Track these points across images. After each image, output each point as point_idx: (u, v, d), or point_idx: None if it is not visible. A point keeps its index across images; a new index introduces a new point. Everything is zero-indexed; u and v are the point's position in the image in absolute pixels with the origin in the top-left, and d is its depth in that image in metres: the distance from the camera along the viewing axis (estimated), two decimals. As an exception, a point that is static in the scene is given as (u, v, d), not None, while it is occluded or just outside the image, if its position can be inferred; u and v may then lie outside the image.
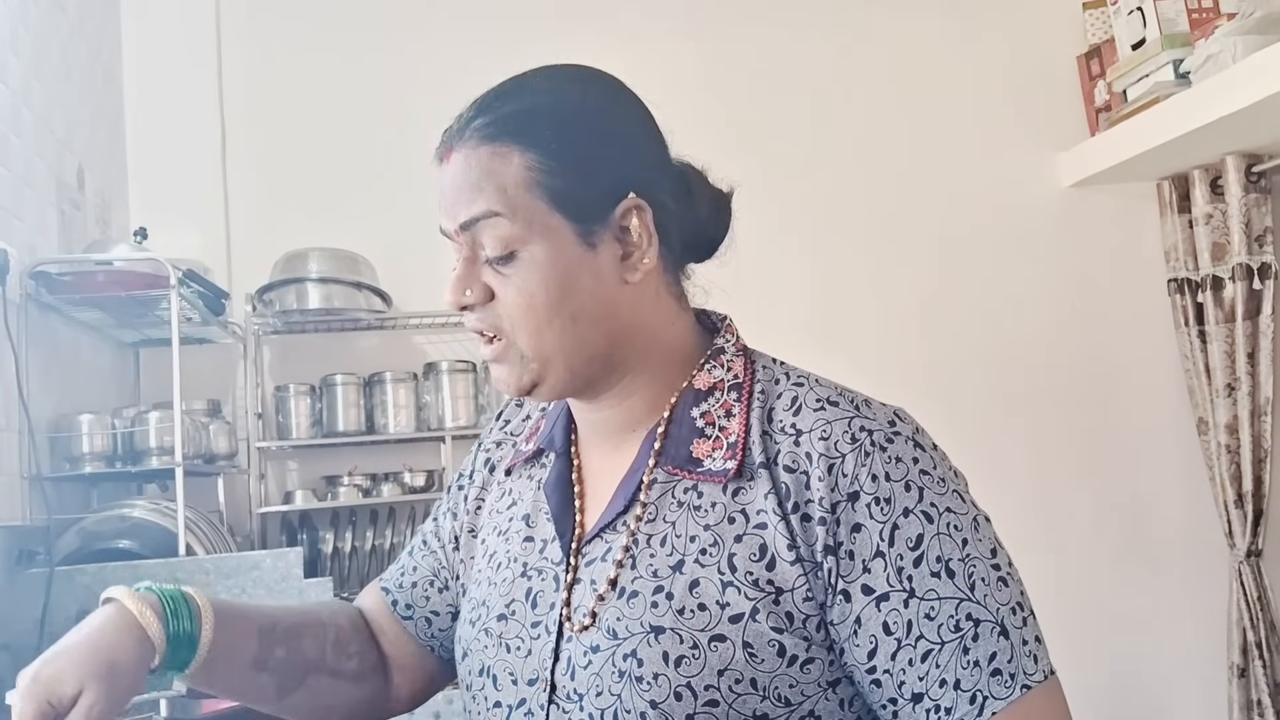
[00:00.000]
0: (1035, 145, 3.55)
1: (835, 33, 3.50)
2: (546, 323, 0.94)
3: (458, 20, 3.33)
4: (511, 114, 0.97)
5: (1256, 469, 3.26)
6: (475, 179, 0.95)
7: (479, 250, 0.96)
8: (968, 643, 0.88)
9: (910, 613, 0.88)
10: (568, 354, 0.96)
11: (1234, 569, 3.29)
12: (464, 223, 0.95)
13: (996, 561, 0.91)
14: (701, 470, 0.95)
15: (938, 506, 0.90)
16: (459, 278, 0.96)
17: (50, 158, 2.51)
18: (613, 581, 0.95)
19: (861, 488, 0.90)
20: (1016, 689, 0.88)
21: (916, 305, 3.42)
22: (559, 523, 1.02)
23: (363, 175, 3.23)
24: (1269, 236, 3.21)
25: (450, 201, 0.96)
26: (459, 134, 0.98)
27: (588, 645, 0.93)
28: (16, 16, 2.37)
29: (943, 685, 0.88)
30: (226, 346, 3.07)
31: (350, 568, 2.96)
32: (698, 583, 0.91)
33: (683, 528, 0.94)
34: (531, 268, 0.94)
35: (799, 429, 0.94)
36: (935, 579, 0.89)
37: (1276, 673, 3.24)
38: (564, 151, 0.95)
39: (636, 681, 0.90)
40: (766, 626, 0.89)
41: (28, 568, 2.03)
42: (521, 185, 0.94)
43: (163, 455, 2.41)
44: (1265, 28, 2.77)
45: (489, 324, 0.96)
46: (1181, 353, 3.45)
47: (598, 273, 0.96)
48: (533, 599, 1.00)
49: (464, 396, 3.07)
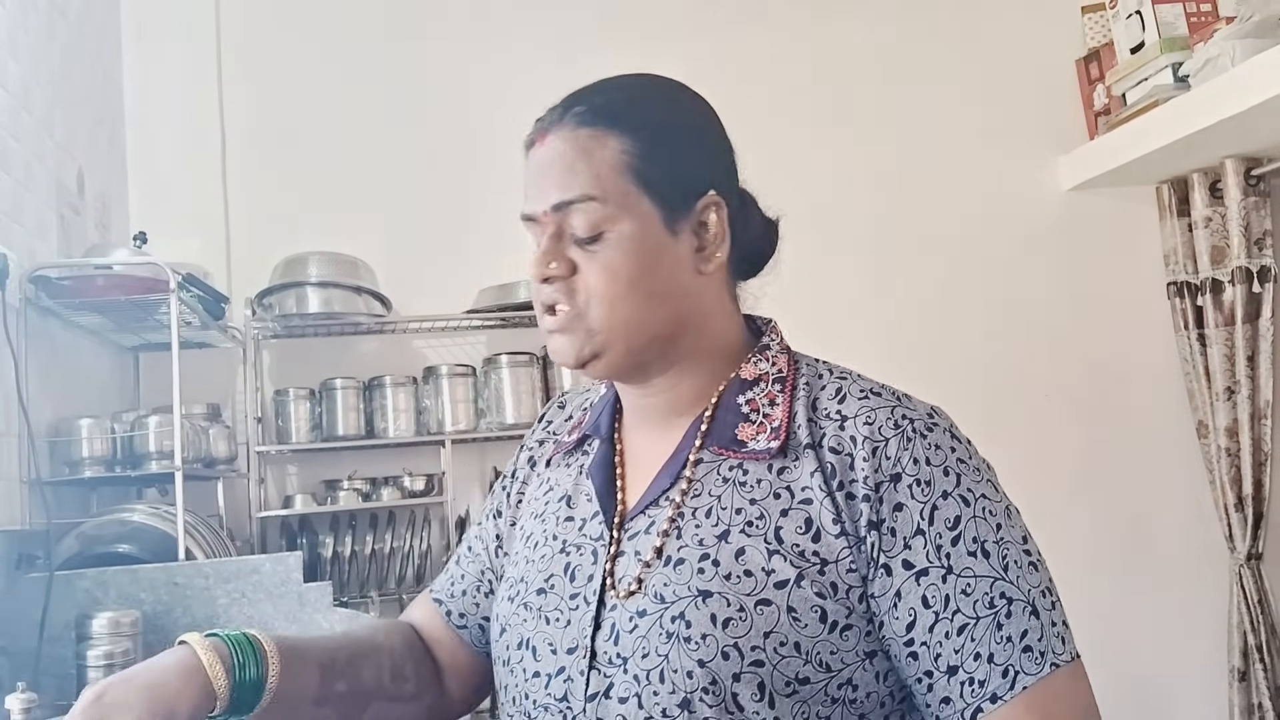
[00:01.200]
0: (1034, 149, 3.55)
1: (835, 36, 3.51)
2: (624, 297, 1.00)
3: (458, 27, 3.33)
4: (610, 101, 1.05)
5: (1257, 472, 3.25)
6: (570, 161, 1.02)
7: (565, 230, 1.02)
8: (1001, 619, 0.94)
9: (948, 588, 0.94)
10: (633, 331, 1.01)
11: (1234, 572, 3.29)
12: (557, 204, 1.02)
13: (1027, 548, 0.97)
14: (746, 450, 1.01)
15: (974, 492, 0.97)
16: (545, 252, 1.02)
17: (50, 162, 2.51)
18: (658, 550, 1.00)
19: (904, 470, 0.96)
20: (1046, 666, 0.93)
21: (916, 308, 3.41)
22: (602, 500, 1.07)
23: (363, 179, 3.23)
24: (1268, 240, 3.21)
25: (542, 183, 1.04)
26: (556, 119, 1.05)
27: (634, 610, 0.98)
28: (16, 21, 2.37)
29: (977, 659, 0.93)
30: (226, 351, 3.07)
31: (350, 572, 2.96)
32: (743, 551, 0.97)
33: (728, 501, 1.00)
34: (618, 246, 1.00)
35: (844, 415, 1.00)
36: (971, 558, 0.95)
37: (1277, 676, 3.24)
38: (657, 141, 1.03)
39: (685, 641, 0.94)
40: (810, 593, 0.94)
41: (27, 572, 2.02)
42: (615, 168, 1.01)
43: (162, 459, 2.41)
44: (1264, 31, 2.77)
45: (566, 297, 1.01)
46: (1181, 356, 3.45)
47: (676, 258, 1.03)
48: (571, 573, 1.05)
49: (463, 400, 3.07)
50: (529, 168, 1.06)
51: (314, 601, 2.11)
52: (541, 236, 1.04)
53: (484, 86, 3.32)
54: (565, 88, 1.02)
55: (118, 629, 1.91)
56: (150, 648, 2.00)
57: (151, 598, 2.05)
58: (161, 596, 2.06)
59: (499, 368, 3.08)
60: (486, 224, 3.24)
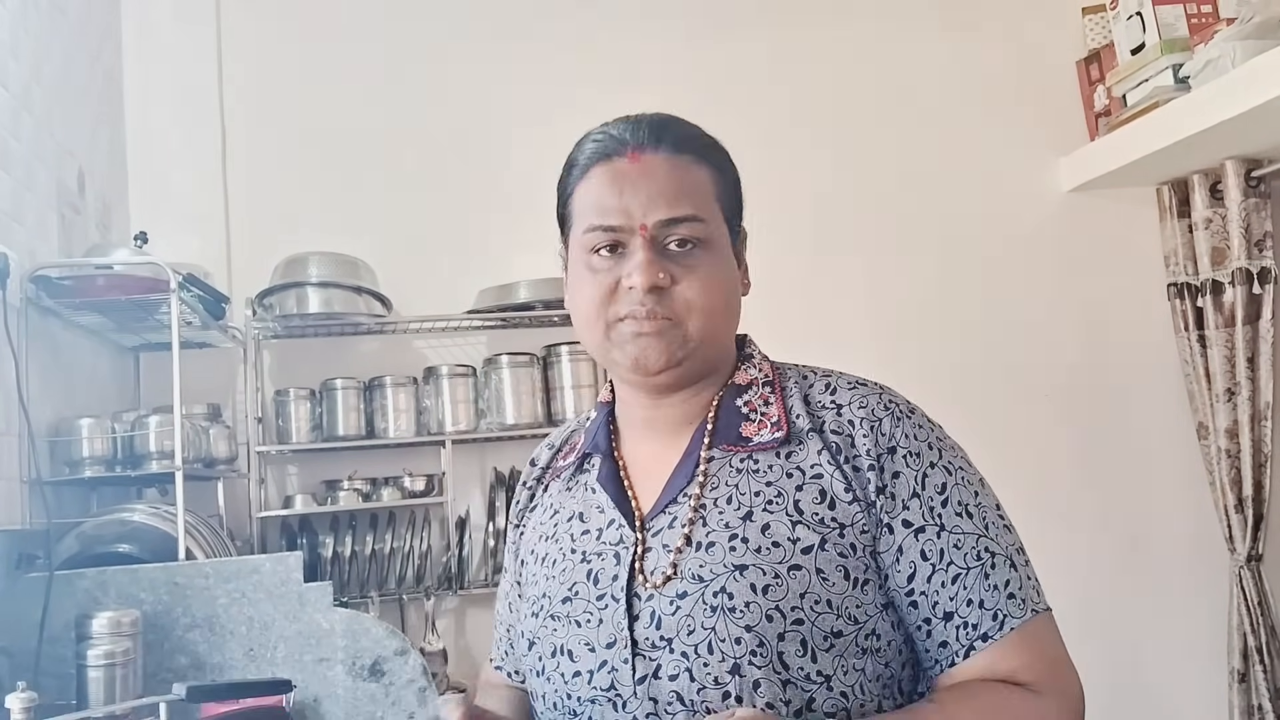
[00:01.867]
0: (1035, 150, 3.56)
1: (835, 38, 3.51)
2: (718, 309, 1.13)
3: (459, 29, 3.33)
4: (695, 136, 1.18)
5: (1257, 474, 3.25)
6: (678, 182, 1.13)
7: (664, 242, 1.12)
8: (988, 569, 1.08)
9: (941, 543, 1.08)
10: (717, 340, 1.15)
11: (1234, 574, 3.29)
12: (668, 219, 1.11)
13: (1001, 513, 1.13)
14: (753, 444, 1.13)
15: (953, 464, 1.12)
16: (651, 262, 1.10)
17: (51, 162, 2.51)
18: (687, 538, 1.10)
19: (898, 444, 1.10)
20: (1028, 611, 1.08)
21: (916, 309, 3.41)
22: (620, 506, 1.16)
23: (363, 180, 3.23)
24: (1268, 241, 3.20)
25: (640, 198, 1.11)
26: (650, 141, 1.14)
27: (673, 594, 1.08)
28: (17, 21, 2.37)
29: (969, 604, 1.07)
30: (226, 351, 3.07)
31: (350, 572, 2.96)
32: (769, 526, 1.08)
33: (745, 487, 1.11)
34: (713, 264, 1.13)
35: (839, 403, 1.14)
36: (959, 517, 1.09)
37: (1277, 678, 3.24)
38: (728, 177, 1.18)
39: (729, 612, 1.05)
40: (834, 554, 1.07)
41: (27, 571, 2.02)
42: (710, 196, 1.15)
43: (162, 459, 2.41)
44: (1264, 32, 2.77)
45: (667, 307, 1.11)
46: (1181, 357, 3.45)
47: (738, 278, 1.19)
48: (594, 577, 1.14)
49: (464, 401, 3.07)
50: (612, 181, 1.13)
51: (314, 601, 2.11)
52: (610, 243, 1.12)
53: (484, 87, 3.32)
54: (565, 88, 1.03)
55: (118, 629, 1.91)
56: (150, 648, 2.01)
57: (151, 597, 2.05)
58: (162, 596, 2.06)
59: (499, 368, 3.08)
60: (487, 224, 3.26)
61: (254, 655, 2.08)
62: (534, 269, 3.09)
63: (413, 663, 2.14)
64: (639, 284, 1.10)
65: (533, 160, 3.26)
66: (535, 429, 3.08)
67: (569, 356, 3.10)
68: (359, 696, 2.10)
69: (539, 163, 3.25)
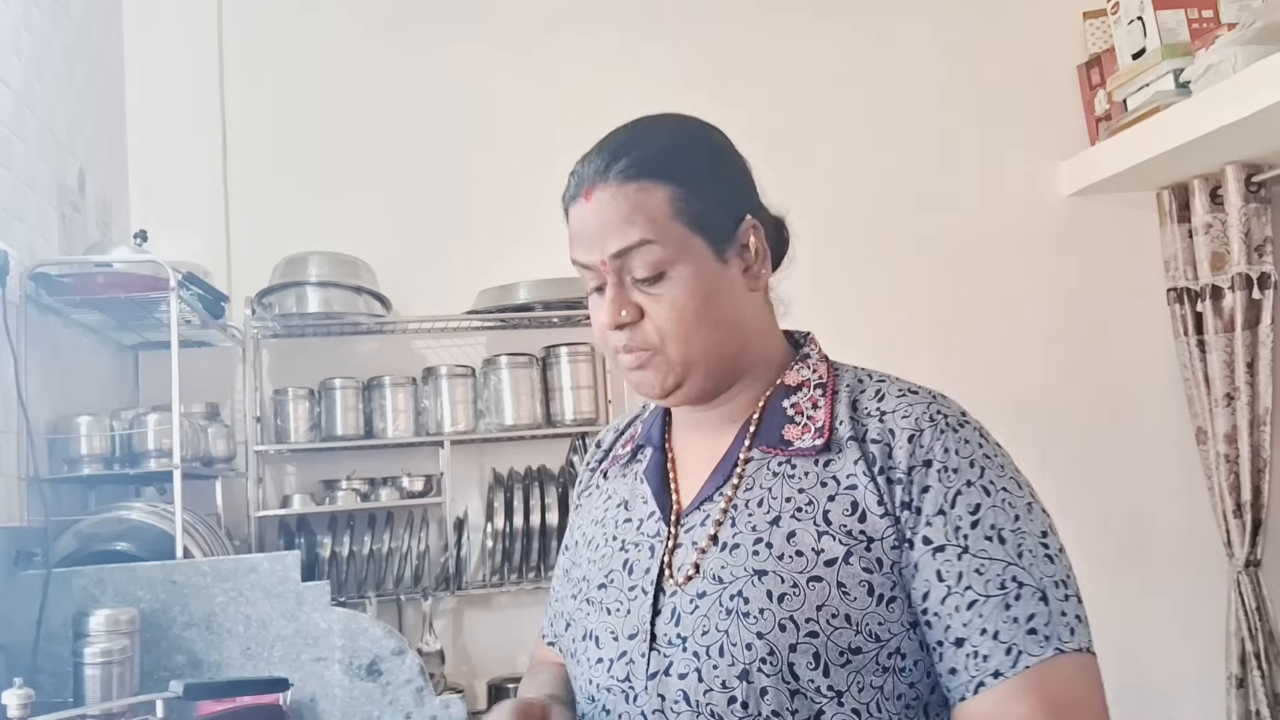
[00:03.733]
0: (1035, 154, 3.56)
1: (835, 41, 3.51)
2: (695, 330, 1.10)
3: (459, 29, 3.33)
4: (650, 154, 1.12)
5: (1255, 479, 3.25)
6: (625, 213, 1.09)
7: (625, 276, 1.11)
8: (1010, 600, 1.00)
9: (962, 565, 1.02)
10: (709, 358, 1.12)
11: (1232, 579, 3.29)
12: (616, 252, 1.09)
13: (1046, 541, 1.04)
14: (793, 449, 1.11)
15: (995, 485, 1.05)
16: (613, 300, 1.10)
17: (51, 160, 2.51)
18: (714, 537, 1.09)
19: (934, 457, 1.05)
20: (1050, 649, 0.98)
21: (916, 314, 3.41)
22: (659, 499, 1.17)
23: (363, 179, 3.23)
24: (1268, 246, 3.21)
25: (597, 235, 1.11)
26: (599, 175, 1.12)
27: (693, 593, 1.07)
28: (19, 19, 2.37)
29: (983, 634, 1.00)
30: (225, 350, 3.07)
31: (348, 572, 2.96)
32: (794, 533, 1.06)
33: (778, 491, 1.09)
34: (680, 284, 1.09)
35: (883, 410, 1.10)
36: (988, 542, 1.02)
37: (1275, 683, 3.24)
38: (698, 182, 1.12)
39: (743, 617, 1.03)
40: (858, 568, 1.03)
41: (25, 569, 2.02)
42: (666, 214, 1.10)
43: (161, 458, 2.41)
44: (1265, 38, 2.77)
45: (639, 341, 1.11)
46: (1180, 362, 3.45)
47: (731, 284, 1.13)
48: (629, 567, 1.14)
49: (463, 401, 3.07)
50: (576, 222, 1.13)
51: (311, 601, 2.12)
52: (598, 284, 1.12)
53: (485, 88, 3.32)
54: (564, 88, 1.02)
55: (115, 627, 1.91)
56: (147, 646, 2.01)
57: (149, 596, 2.05)
58: (159, 595, 2.06)
59: (498, 369, 3.08)
60: (487, 225, 3.26)
61: (251, 654, 2.08)
62: (534, 270, 3.09)
63: (410, 663, 2.14)
64: (603, 324, 1.12)
65: (533, 161, 3.29)
66: (534, 430, 3.08)
67: (568, 357, 3.10)
68: (356, 696, 2.10)
69: (539, 164, 3.27)
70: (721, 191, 1.14)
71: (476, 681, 3.11)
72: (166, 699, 1.81)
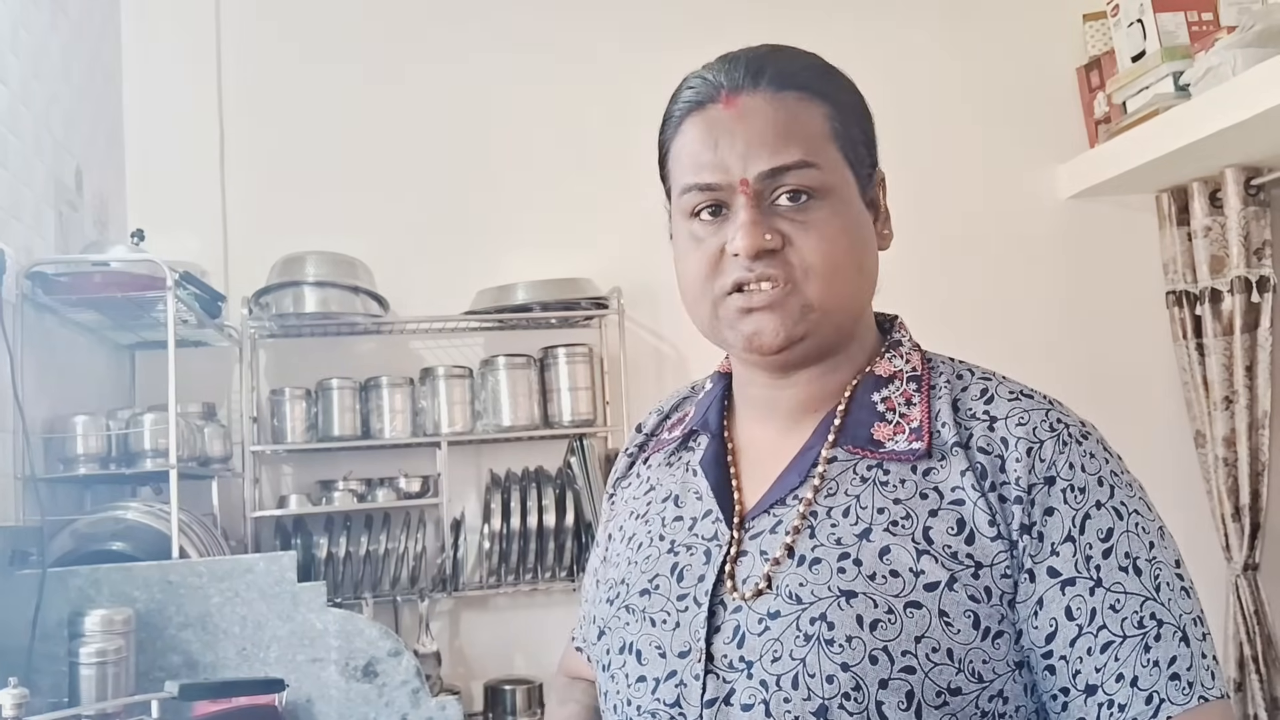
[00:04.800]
0: (1034, 156, 3.56)
1: (833, 44, 3.48)
2: (842, 268, 0.96)
3: (457, 30, 3.33)
4: (806, 68, 1.00)
5: (1254, 482, 3.25)
6: (783, 124, 0.95)
7: (771, 197, 0.96)
8: (1150, 641, 0.88)
9: (1095, 601, 0.89)
10: (845, 307, 0.98)
11: (1231, 582, 3.29)
12: (773, 169, 0.95)
13: (1180, 572, 0.92)
14: (885, 451, 0.96)
15: (1127, 506, 0.92)
16: (755, 222, 0.94)
17: (49, 158, 2.50)
18: (789, 549, 0.94)
19: (1059, 474, 0.91)
20: (1194, 699, 0.87)
21: (914, 316, 3.39)
22: (719, 497, 1.01)
23: (361, 179, 3.23)
24: (1268, 249, 3.20)
25: (742, 147, 0.95)
26: (747, 81, 0.98)
27: (763, 612, 0.92)
28: (17, 17, 2.37)
29: (1119, 680, 0.87)
30: (222, 350, 3.07)
31: (344, 573, 2.95)
32: (888, 549, 0.91)
33: (868, 500, 0.94)
34: (833, 216, 0.96)
35: (993, 415, 0.95)
36: (1122, 573, 0.89)
37: (1273, 687, 3.23)
38: (852, 111, 1.01)
39: (827, 645, 0.88)
40: (964, 596, 0.89)
41: (20, 568, 2.01)
42: (825, 136, 0.97)
43: (157, 458, 2.40)
44: (1265, 41, 2.77)
45: (781, 271, 0.95)
46: (1179, 365, 3.45)
47: (871, 233, 1.01)
48: (679, 573, 0.99)
49: (460, 402, 3.06)
50: (704, 132, 0.97)
51: (308, 602, 2.11)
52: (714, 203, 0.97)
53: (484, 88, 3.32)
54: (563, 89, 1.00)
55: (110, 626, 1.91)
56: (143, 646, 2.00)
57: (145, 596, 2.05)
58: (155, 595, 2.05)
59: (496, 369, 3.07)
60: (485, 225, 3.26)
61: (247, 655, 2.07)
62: (532, 270, 3.08)
63: (406, 664, 2.13)
64: (742, 249, 0.93)
65: (531, 162, 3.28)
66: (531, 431, 3.08)
67: (566, 359, 3.09)
68: (352, 697, 2.10)
69: (538, 164, 3.27)
70: (867, 132, 1.03)
71: (473, 683, 3.10)
72: (162, 699, 1.81)
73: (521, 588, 3.09)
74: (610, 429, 3.16)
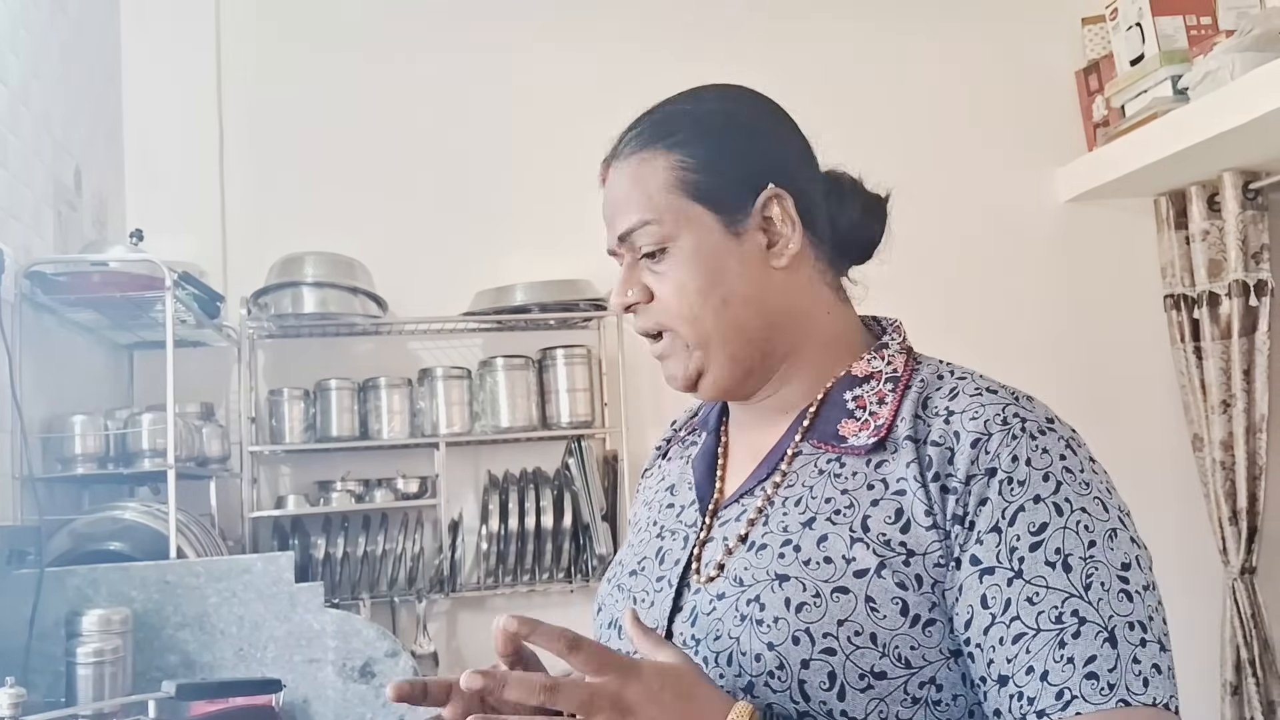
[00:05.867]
0: (1033, 160, 3.56)
1: (832, 47, 3.51)
2: (700, 306, 1.02)
3: (456, 31, 3.33)
4: (655, 121, 1.08)
5: (1251, 486, 3.25)
6: (625, 191, 1.05)
7: (637, 256, 1.05)
8: (1066, 638, 0.87)
9: (1012, 591, 0.89)
10: (725, 339, 1.03)
11: (1228, 586, 3.29)
12: (621, 235, 1.05)
13: (1126, 575, 0.91)
14: (846, 445, 1.00)
15: (1072, 503, 0.91)
16: (621, 281, 1.06)
17: (48, 158, 2.50)
18: (743, 536, 1.00)
19: (1000, 465, 0.92)
20: (1113, 700, 0.86)
21: (911, 319, 3.39)
22: (700, 488, 1.10)
23: (360, 180, 3.23)
24: (1265, 253, 3.21)
25: (609, 217, 1.07)
26: (614, 153, 1.08)
27: (714, 594, 0.98)
28: (17, 17, 2.37)
29: (1029, 672, 0.87)
30: (221, 350, 3.06)
31: (342, 573, 2.95)
32: (826, 538, 0.95)
33: (819, 491, 0.99)
34: (680, 260, 1.03)
35: (951, 410, 0.97)
36: (1049, 568, 0.89)
37: (1269, 690, 3.24)
38: (701, 148, 1.04)
39: (756, 624, 0.93)
40: (891, 583, 0.91)
41: (18, 568, 2.02)
42: (664, 187, 1.03)
43: (155, 458, 2.40)
44: (1264, 45, 2.77)
45: (652, 322, 1.06)
46: (1177, 369, 3.45)
47: (744, 259, 1.04)
48: (661, 556, 1.08)
49: (458, 403, 3.06)
50: (603, 205, 1.09)
51: (305, 602, 2.11)
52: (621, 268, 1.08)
53: (482, 89, 3.32)
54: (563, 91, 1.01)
55: (108, 626, 1.91)
56: (140, 646, 2.00)
57: (142, 596, 2.05)
58: (152, 595, 2.05)
59: (494, 370, 3.08)
60: (483, 226, 3.26)
61: (244, 655, 2.07)
62: (531, 271, 3.08)
63: (403, 665, 2.13)
64: (612, 307, 1.10)
65: (530, 162, 3.28)
66: (530, 432, 3.08)
67: (565, 360, 3.10)
68: (349, 698, 2.10)
69: (537, 165, 3.27)
70: (732, 158, 1.05)
71: (470, 684, 3.10)
72: (159, 699, 1.81)
73: (519, 589, 3.09)
74: (608, 430, 3.16)
